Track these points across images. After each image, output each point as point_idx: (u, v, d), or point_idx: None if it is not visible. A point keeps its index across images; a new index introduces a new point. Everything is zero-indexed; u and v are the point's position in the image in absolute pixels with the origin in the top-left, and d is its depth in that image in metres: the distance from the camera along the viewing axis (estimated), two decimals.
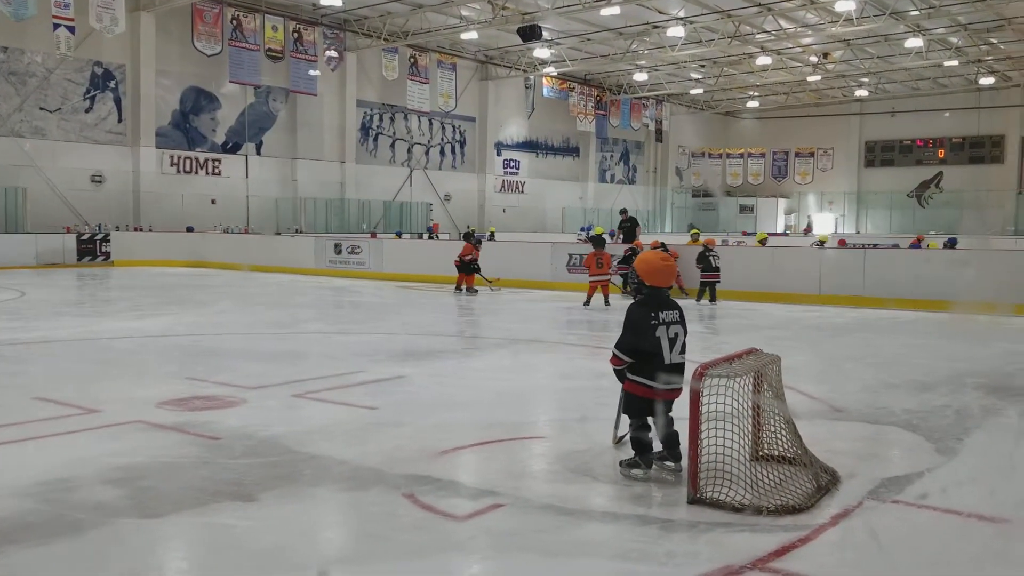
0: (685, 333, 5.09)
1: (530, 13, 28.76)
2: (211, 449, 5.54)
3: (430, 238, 29.01)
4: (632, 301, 5.30)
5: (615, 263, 16.76)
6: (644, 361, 4.98)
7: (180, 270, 24.27)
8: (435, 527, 4.25)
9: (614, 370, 5.16)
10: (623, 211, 23.67)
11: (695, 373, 4.51)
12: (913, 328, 12.88)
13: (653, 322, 4.97)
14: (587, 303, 15.52)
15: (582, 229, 32.97)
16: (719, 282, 16.04)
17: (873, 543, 4.13)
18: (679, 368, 5.01)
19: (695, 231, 22.58)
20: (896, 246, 22.05)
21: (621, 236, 21.62)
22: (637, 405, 5.05)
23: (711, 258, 16.07)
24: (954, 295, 14.09)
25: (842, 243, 23.46)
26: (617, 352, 5.06)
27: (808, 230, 44.05)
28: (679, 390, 4.99)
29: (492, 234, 20.77)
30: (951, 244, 21.12)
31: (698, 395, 4.50)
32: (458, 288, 17.99)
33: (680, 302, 5.32)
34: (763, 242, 20.31)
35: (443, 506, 4.50)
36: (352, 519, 4.49)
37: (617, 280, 17.01)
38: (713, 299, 15.96)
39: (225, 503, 4.53)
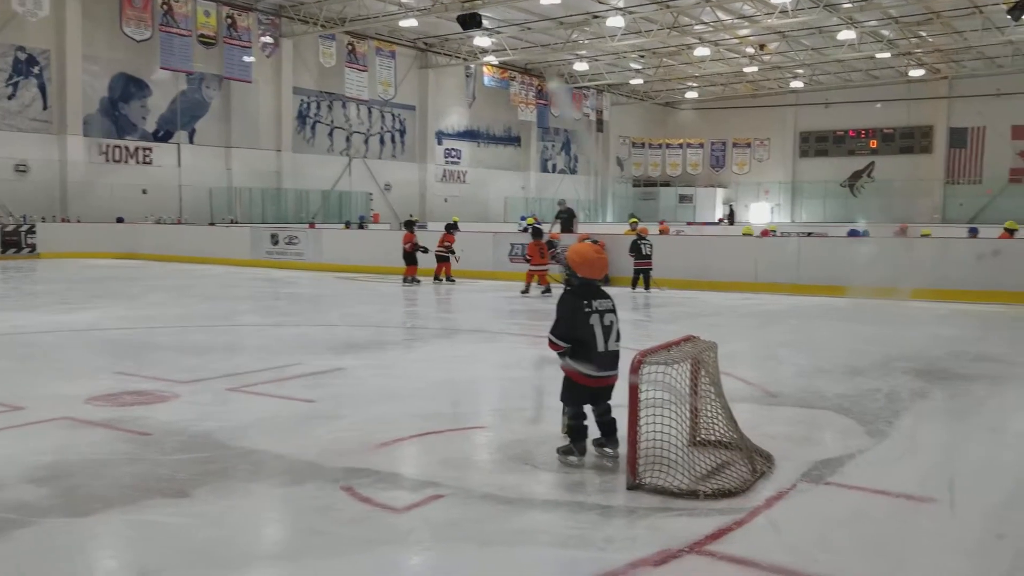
0: (618, 321, 5.12)
1: (470, 1, 28.63)
2: (142, 445, 5.40)
3: (360, 227, 28.50)
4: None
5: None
6: (579, 349, 4.99)
7: (110, 262, 23.69)
8: (374, 520, 4.20)
9: (558, 353, 5.16)
10: (561, 202, 23.90)
11: (634, 361, 4.53)
12: (845, 314, 13.14)
13: (586, 310, 5.01)
14: (525, 291, 15.77)
15: (522, 218, 32.95)
16: (651, 269, 16.24)
17: (808, 525, 4.20)
18: (614, 356, 5.04)
19: (634, 220, 22.75)
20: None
21: (559, 226, 21.74)
22: (574, 392, 5.07)
23: (642, 246, 16.32)
24: (883, 281, 14.42)
25: (765, 233, 23.65)
26: (552, 338, 5.08)
27: (725, 219, 44.18)
28: (614, 377, 5.01)
29: (455, 223, 20.97)
30: None
31: (637, 383, 4.52)
32: (436, 278, 17.79)
33: (611, 291, 5.35)
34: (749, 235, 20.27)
35: (382, 498, 4.45)
36: (288, 514, 4.42)
37: (556, 269, 17.15)
38: (647, 287, 16.17)
39: (156, 500, 4.42)
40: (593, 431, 5.14)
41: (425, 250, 17.78)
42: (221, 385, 7.22)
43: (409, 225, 18.87)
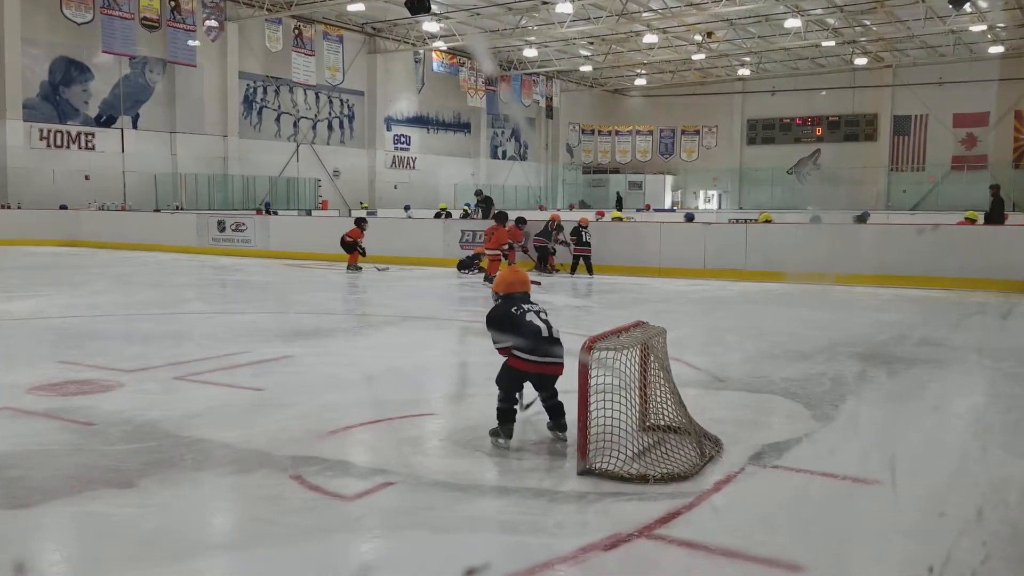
0: None
1: None
2: (86, 435, 5.30)
3: (267, 212, 27.37)
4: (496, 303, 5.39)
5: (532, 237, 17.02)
6: (526, 343, 5.04)
7: (52, 249, 23.16)
8: (323, 508, 4.18)
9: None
10: (478, 192, 24.63)
11: (584, 346, 4.55)
12: (792, 300, 13.34)
13: (519, 312, 5.12)
14: (487, 278, 15.42)
15: (466, 204, 32.57)
16: (589, 256, 16.60)
17: (755, 508, 4.26)
18: (560, 342, 5.10)
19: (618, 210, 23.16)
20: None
21: (479, 213, 22.78)
22: (513, 379, 5.11)
23: (583, 233, 16.69)
24: (830, 268, 14.67)
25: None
26: (497, 347, 5.18)
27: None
28: (562, 365, 5.06)
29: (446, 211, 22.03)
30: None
31: (587, 368, 4.54)
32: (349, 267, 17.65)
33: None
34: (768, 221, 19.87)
35: (332, 486, 4.42)
36: (236, 503, 4.37)
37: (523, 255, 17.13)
38: (590, 271, 16.50)
39: (101, 491, 4.34)
40: (544, 416, 5.20)
41: (363, 251, 17.59)
42: (167, 374, 7.10)
43: (361, 223, 18.27)
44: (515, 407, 5.14)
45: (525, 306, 5.18)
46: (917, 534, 3.99)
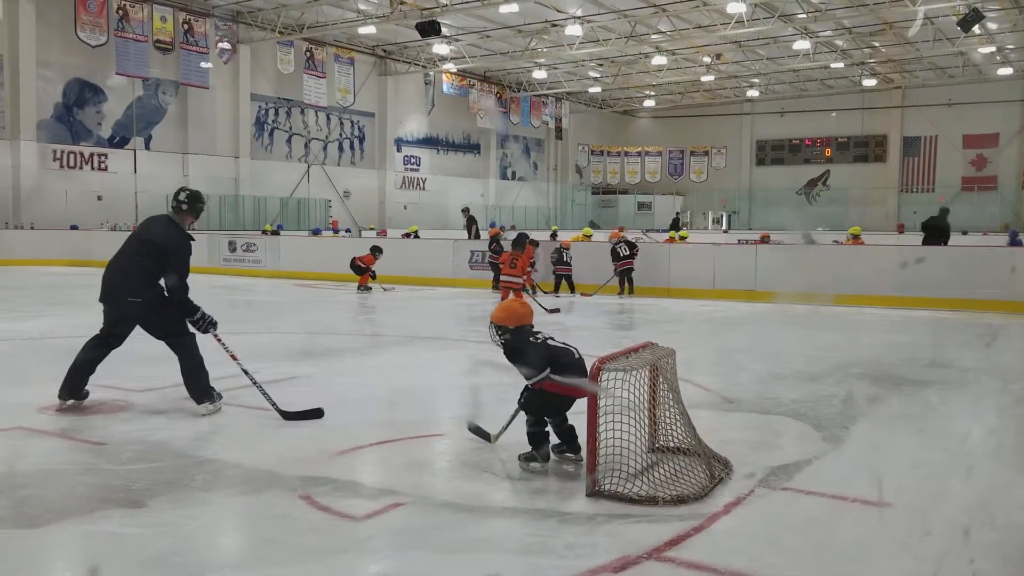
0: None
1: (429, 8, 28.62)
2: (96, 455, 5.32)
3: (274, 233, 27.38)
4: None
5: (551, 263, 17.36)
6: (559, 368, 4.99)
7: (64, 269, 23.29)
8: (333, 528, 4.18)
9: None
10: (465, 210, 25.44)
11: (592, 368, 4.55)
12: (801, 321, 13.31)
13: (540, 340, 5.11)
14: None
15: (491, 224, 32.56)
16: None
17: (765, 530, 4.25)
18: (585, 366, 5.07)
19: (588, 232, 23.09)
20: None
21: (467, 233, 23.81)
22: (543, 404, 5.06)
23: (619, 249, 16.86)
24: (840, 288, 14.66)
25: None
26: (529, 383, 5.07)
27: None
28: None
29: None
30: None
31: (596, 390, 4.54)
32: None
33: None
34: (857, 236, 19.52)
35: (341, 507, 4.42)
36: (246, 523, 4.37)
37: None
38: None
39: (111, 510, 4.35)
40: (551, 438, 5.17)
41: (374, 275, 17.76)
42: (177, 394, 7.12)
43: (376, 251, 18.19)
44: (546, 429, 5.09)
45: (539, 335, 5.16)
46: (930, 557, 3.96)
